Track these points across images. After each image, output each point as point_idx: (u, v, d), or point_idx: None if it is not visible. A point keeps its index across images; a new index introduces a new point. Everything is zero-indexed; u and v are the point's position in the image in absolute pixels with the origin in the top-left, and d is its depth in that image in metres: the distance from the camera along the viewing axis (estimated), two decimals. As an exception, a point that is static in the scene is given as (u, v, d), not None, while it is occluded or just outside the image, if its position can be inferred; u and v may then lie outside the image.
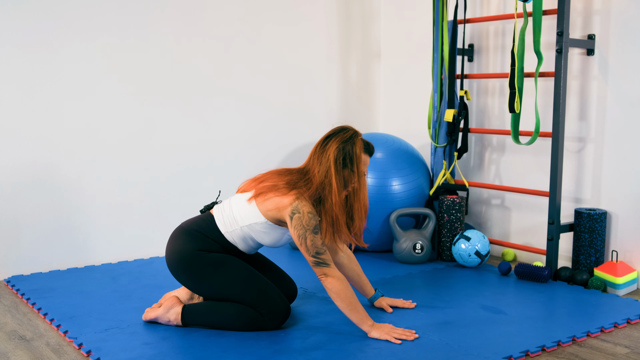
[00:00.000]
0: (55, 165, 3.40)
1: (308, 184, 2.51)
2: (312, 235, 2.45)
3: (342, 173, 2.50)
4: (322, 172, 2.50)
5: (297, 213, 2.45)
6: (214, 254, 2.56)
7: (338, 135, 2.54)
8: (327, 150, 2.51)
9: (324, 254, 2.47)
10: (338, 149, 2.50)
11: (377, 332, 2.47)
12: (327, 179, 2.49)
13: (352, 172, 2.51)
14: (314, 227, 2.45)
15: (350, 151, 2.51)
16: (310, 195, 2.50)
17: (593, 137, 3.34)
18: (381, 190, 3.59)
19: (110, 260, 3.59)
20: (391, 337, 2.45)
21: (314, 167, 2.53)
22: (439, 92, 3.73)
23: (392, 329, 2.50)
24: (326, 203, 2.50)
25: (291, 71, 4.18)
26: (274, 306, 2.53)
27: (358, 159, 2.52)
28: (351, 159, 2.51)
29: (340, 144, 2.51)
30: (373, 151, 2.64)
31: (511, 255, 3.67)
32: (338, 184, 2.49)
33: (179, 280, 2.63)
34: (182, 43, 3.72)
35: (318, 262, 2.46)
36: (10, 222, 3.31)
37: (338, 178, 2.49)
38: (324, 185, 2.50)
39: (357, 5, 4.39)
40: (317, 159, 2.53)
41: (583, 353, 2.39)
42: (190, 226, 2.62)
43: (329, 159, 2.49)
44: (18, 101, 3.28)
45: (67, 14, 3.36)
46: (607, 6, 3.22)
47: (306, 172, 2.55)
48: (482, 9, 3.83)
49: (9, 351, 2.41)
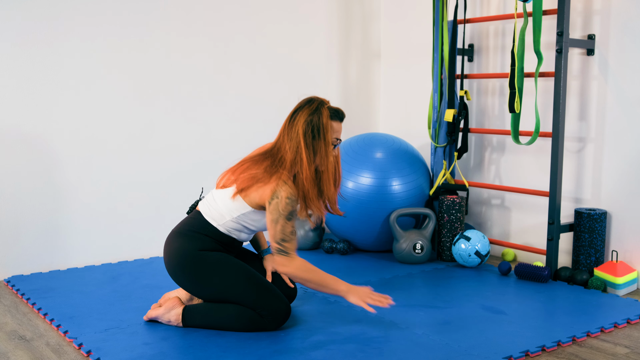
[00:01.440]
0: (55, 165, 3.40)
1: (282, 163, 2.53)
2: (284, 221, 2.47)
3: (312, 145, 2.53)
4: (293, 149, 2.52)
5: (276, 199, 2.47)
6: (214, 253, 2.56)
7: (304, 108, 2.56)
8: (296, 125, 2.54)
9: (288, 242, 2.49)
10: (306, 122, 2.53)
11: (354, 298, 2.51)
12: (298, 155, 2.52)
13: (321, 142, 2.53)
14: (288, 213, 2.47)
15: (317, 122, 2.53)
16: (289, 176, 2.52)
17: (593, 137, 3.34)
18: (381, 190, 3.59)
19: (110, 260, 3.59)
20: (365, 304, 2.49)
21: (285, 144, 2.55)
22: (439, 92, 3.73)
23: (369, 294, 2.53)
24: (297, 178, 2.53)
25: (291, 71, 4.18)
26: (274, 307, 2.52)
27: (326, 129, 2.53)
28: (319, 129, 2.52)
29: (308, 117, 2.53)
30: (343, 116, 2.63)
31: (511, 255, 3.67)
32: (308, 158, 2.51)
33: (179, 283, 2.62)
34: (182, 42, 3.72)
35: (280, 250, 2.49)
36: (10, 223, 3.31)
37: (308, 152, 2.51)
38: (296, 161, 2.52)
39: (357, 5, 4.39)
40: (286, 135, 2.56)
41: (583, 353, 2.39)
42: (182, 228, 2.62)
43: (298, 133, 2.52)
44: (18, 101, 3.28)
45: (66, 13, 3.36)
46: (607, 6, 3.22)
47: (278, 150, 2.57)
48: (482, 9, 3.83)
49: (9, 351, 2.41)
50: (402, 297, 2.98)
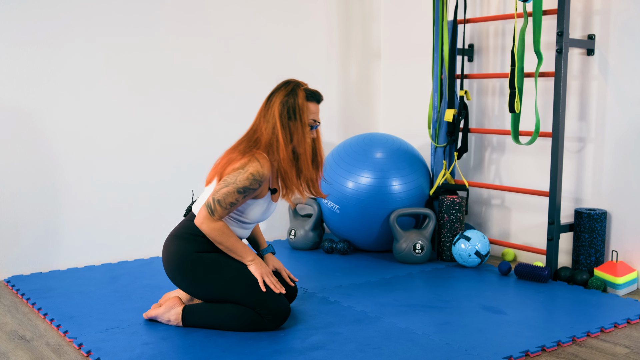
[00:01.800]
0: (55, 165, 3.40)
1: (258, 144, 2.54)
2: (234, 190, 2.46)
3: (288, 126, 2.54)
4: (269, 130, 2.53)
5: (241, 169, 2.47)
6: (211, 254, 2.56)
7: (280, 90, 2.58)
8: (272, 107, 2.55)
9: (220, 208, 2.47)
10: (281, 104, 2.54)
11: (254, 267, 2.54)
12: (275, 135, 2.53)
13: (297, 123, 2.54)
14: (242, 187, 2.46)
15: (293, 103, 2.54)
16: (265, 156, 2.51)
17: (593, 137, 3.34)
18: (381, 190, 3.59)
19: (110, 260, 3.59)
20: (260, 279, 2.51)
21: (261, 125, 2.57)
22: (439, 92, 3.73)
23: (268, 273, 2.54)
24: (274, 159, 2.54)
25: (291, 71, 4.17)
26: (273, 307, 2.52)
27: (301, 109, 2.54)
28: (294, 110, 2.54)
29: (284, 98, 2.55)
30: (321, 98, 2.64)
31: (511, 255, 3.67)
32: (285, 138, 2.52)
33: (178, 286, 2.63)
34: (182, 43, 3.72)
35: (209, 206, 2.48)
36: (10, 222, 3.31)
37: (284, 133, 2.52)
38: (272, 141, 2.53)
39: (357, 5, 4.40)
40: (263, 117, 2.57)
41: (583, 353, 2.39)
42: (179, 231, 2.62)
43: (274, 115, 2.53)
44: (18, 101, 3.28)
45: (66, 13, 3.36)
46: (607, 6, 3.22)
47: (254, 132, 2.58)
48: (482, 9, 3.83)
49: (9, 351, 2.41)
50: (402, 297, 2.98)
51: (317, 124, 2.61)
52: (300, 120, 2.54)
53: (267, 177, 2.51)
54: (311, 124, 2.59)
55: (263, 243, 2.85)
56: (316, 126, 2.62)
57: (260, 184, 2.50)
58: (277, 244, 4.02)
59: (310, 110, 2.58)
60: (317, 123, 2.61)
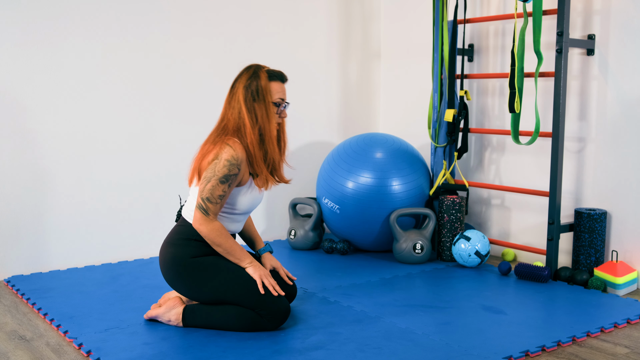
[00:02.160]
0: (55, 165, 3.40)
1: (226, 130, 2.56)
2: (216, 182, 2.47)
3: (253, 108, 2.55)
4: (235, 115, 2.55)
5: (216, 159, 2.48)
6: (207, 258, 2.56)
7: (242, 75, 2.59)
8: (236, 93, 2.57)
9: (212, 204, 2.49)
10: (245, 88, 2.56)
11: (252, 270, 2.54)
12: (241, 120, 2.54)
13: (262, 104, 2.55)
14: (223, 176, 2.47)
15: (256, 85, 2.56)
16: (235, 140, 2.52)
17: (593, 137, 3.34)
18: (381, 190, 3.59)
19: (110, 260, 3.59)
20: (259, 281, 2.51)
21: (228, 113, 2.58)
22: (439, 92, 3.73)
23: (267, 275, 2.55)
24: (244, 143, 2.55)
25: (291, 71, 4.16)
26: (273, 307, 2.52)
27: (265, 90, 2.56)
28: (258, 92, 2.55)
29: (246, 82, 2.56)
30: (285, 77, 2.66)
31: (511, 255, 3.67)
32: (251, 121, 2.54)
33: (178, 291, 2.63)
34: (182, 44, 3.72)
35: (201, 207, 2.49)
36: (10, 222, 3.31)
37: (250, 115, 2.54)
38: (239, 126, 2.54)
39: (357, 5, 4.40)
40: (228, 105, 2.59)
41: (583, 353, 2.39)
42: (172, 237, 2.62)
43: (239, 100, 2.55)
44: (17, 101, 3.28)
45: (66, 13, 3.36)
46: (607, 6, 3.22)
47: (222, 120, 2.60)
48: (482, 9, 3.83)
49: (9, 351, 2.41)
50: (402, 297, 2.98)
51: (284, 102, 2.62)
52: (264, 101, 2.56)
53: (243, 159, 2.52)
54: (278, 102, 2.60)
55: (260, 242, 2.85)
56: (285, 105, 2.63)
57: (239, 168, 2.50)
58: (277, 244, 4.02)
59: (274, 90, 2.60)
60: (284, 102, 2.62)
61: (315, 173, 4.28)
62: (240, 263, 2.56)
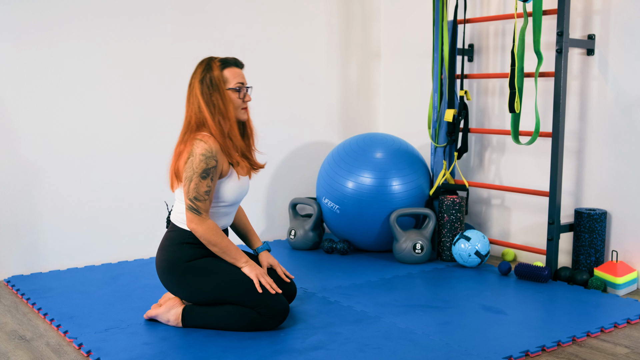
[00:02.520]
0: (55, 165, 3.40)
1: (191, 127, 2.57)
2: (198, 179, 2.47)
3: (212, 101, 2.55)
4: (196, 110, 2.55)
5: (191, 157, 2.49)
6: (202, 260, 2.56)
7: (196, 71, 2.60)
8: (194, 89, 2.57)
9: (201, 202, 2.49)
10: (200, 82, 2.56)
11: (248, 269, 2.54)
12: (202, 114, 2.55)
13: (217, 95, 2.55)
14: (203, 171, 2.47)
15: (210, 77, 2.56)
16: (204, 135, 2.52)
17: (593, 137, 3.34)
18: (381, 190, 3.59)
19: (110, 260, 3.59)
20: (256, 280, 2.51)
21: (189, 110, 2.58)
22: (439, 92, 3.73)
23: (263, 274, 2.55)
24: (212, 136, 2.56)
25: (291, 71, 4.18)
26: (271, 305, 2.52)
27: (219, 80, 2.55)
28: (212, 83, 2.55)
29: (201, 76, 2.56)
30: (239, 62, 2.65)
31: (511, 255, 3.67)
32: (210, 113, 2.54)
33: (178, 296, 2.63)
34: (182, 45, 3.72)
35: (191, 207, 2.49)
36: (10, 222, 3.31)
37: (208, 108, 2.54)
38: (202, 120, 2.55)
39: (357, 5, 4.40)
40: (188, 102, 2.59)
41: (583, 353, 2.39)
42: (164, 243, 2.62)
43: (197, 95, 2.56)
44: (17, 101, 3.28)
45: (66, 14, 3.36)
46: (607, 6, 3.22)
47: (186, 119, 2.60)
48: (482, 9, 3.83)
49: (9, 351, 2.41)
50: (402, 297, 2.98)
51: (245, 86, 2.61)
52: (219, 91, 2.55)
53: (217, 150, 2.51)
54: (238, 87, 2.59)
55: (257, 241, 2.85)
56: (247, 90, 2.62)
57: (216, 159, 2.50)
58: (277, 244, 4.02)
59: (231, 76, 2.59)
60: (244, 85, 2.61)
61: (315, 173, 4.28)
62: (236, 263, 2.56)
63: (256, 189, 4.09)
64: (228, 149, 2.56)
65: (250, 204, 4.06)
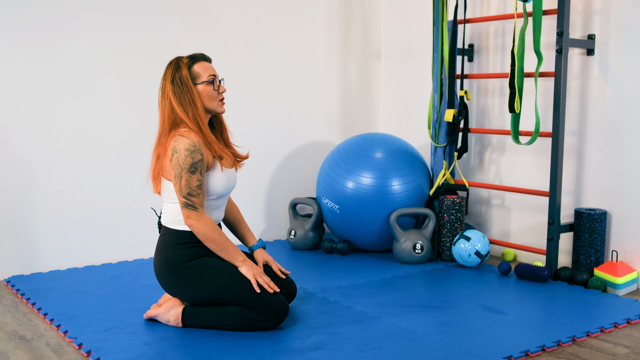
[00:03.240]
0: (55, 165, 3.40)
1: (164, 130, 2.57)
2: (187, 174, 2.47)
3: (184, 98, 2.55)
4: (169, 110, 2.56)
5: (175, 153, 2.49)
6: (200, 260, 2.56)
7: (166, 73, 2.60)
8: (166, 90, 2.58)
9: (195, 197, 2.49)
10: (171, 82, 2.56)
11: (245, 269, 2.54)
12: (175, 113, 2.55)
13: (186, 93, 2.55)
14: (190, 165, 2.48)
15: (179, 76, 2.56)
16: (183, 131, 2.52)
17: (593, 137, 3.34)
18: (381, 190, 3.59)
19: (110, 260, 3.59)
20: (254, 280, 2.51)
21: (163, 112, 2.58)
22: (439, 92, 3.73)
23: (260, 273, 2.55)
24: None
25: (291, 72, 4.18)
26: (271, 304, 2.52)
27: (186, 77, 2.55)
28: (182, 81, 2.55)
29: (171, 77, 2.57)
30: (207, 56, 2.65)
31: (511, 255, 3.67)
32: (183, 111, 2.53)
33: (178, 297, 2.62)
34: (182, 46, 3.72)
35: (187, 204, 2.49)
36: (10, 222, 3.31)
37: (183, 107, 2.54)
38: (176, 120, 2.55)
39: (357, 5, 4.40)
40: (161, 105, 2.60)
41: (583, 353, 2.39)
42: (159, 248, 2.62)
43: (169, 96, 2.56)
44: (17, 101, 3.28)
45: (67, 14, 3.36)
46: (607, 6, 3.22)
47: (160, 121, 2.60)
48: (482, 9, 3.83)
49: (9, 351, 2.41)
50: (402, 297, 2.98)
51: (216, 78, 2.61)
52: (187, 88, 2.55)
53: (200, 142, 2.52)
54: (210, 79, 2.59)
55: (252, 239, 2.85)
56: (215, 81, 2.61)
57: (201, 153, 2.50)
58: (277, 244, 4.03)
59: (202, 71, 2.58)
60: (215, 77, 2.61)
61: (315, 173, 4.28)
62: (233, 261, 2.56)
63: (256, 189, 4.10)
64: (209, 142, 2.57)
65: (250, 204, 4.06)
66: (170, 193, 2.59)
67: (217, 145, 2.59)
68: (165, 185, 2.59)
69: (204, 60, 2.62)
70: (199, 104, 2.56)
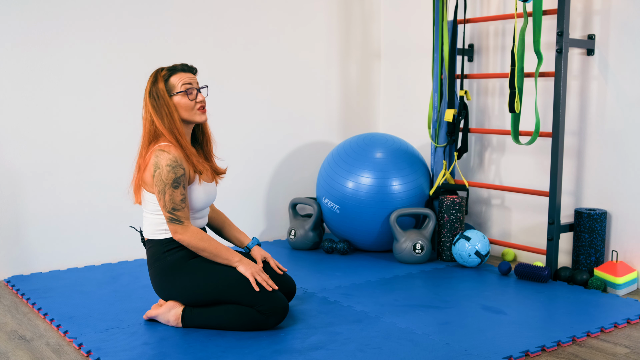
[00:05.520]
0: (55, 165, 3.40)
1: (145, 142, 2.59)
2: (171, 190, 2.48)
3: (160, 112, 2.55)
4: (150, 123, 2.57)
5: (158, 169, 2.49)
6: (194, 262, 2.56)
7: (147, 86, 2.61)
8: (146, 104, 2.59)
9: (180, 211, 2.50)
10: (150, 95, 2.57)
11: (243, 268, 2.54)
12: (154, 126, 2.57)
13: (163, 105, 2.56)
14: (173, 181, 2.48)
15: (156, 89, 2.56)
16: (163, 146, 2.53)
17: (593, 137, 3.34)
18: (381, 190, 3.59)
19: (110, 260, 3.59)
20: (252, 278, 2.51)
21: (145, 123, 2.60)
22: (439, 92, 3.73)
23: (259, 271, 2.55)
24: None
25: (291, 72, 4.18)
26: (270, 303, 2.52)
27: (162, 91, 2.56)
28: (158, 95, 2.56)
29: (150, 90, 2.58)
30: (187, 66, 2.65)
31: (511, 255, 3.67)
32: (162, 125, 2.54)
33: (179, 301, 2.62)
34: (182, 46, 3.72)
35: (172, 219, 2.50)
36: (10, 222, 3.31)
37: (159, 121, 2.55)
38: (156, 133, 2.56)
39: (357, 5, 4.40)
40: (143, 116, 2.61)
41: (583, 353, 2.39)
42: (149, 260, 2.62)
43: (148, 109, 2.58)
44: (17, 101, 3.28)
45: (67, 14, 3.36)
46: (607, 6, 3.22)
47: (143, 132, 2.62)
48: (482, 9, 3.83)
49: (9, 351, 2.41)
50: (402, 297, 2.98)
51: (193, 87, 2.60)
52: (164, 101, 2.55)
53: (182, 157, 2.53)
54: (185, 89, 2.58)
55: (245, 238, 2.85)
56: (200, 90, 2.62)
57: (183, 167, 2.51)
58: (277, 244, 4.03)
59: (176, 82, 2.58)
60: (193, 87, 2.60)
61: (315, 173, 4.28)
62: (229, 263, 2.56)
63: (256, 188, 4.10)
64: (187, 156, 2.57)
65: (250, 204, 4.06)
66: (149, 204, 2.59)
67: (195, 159, 2.59)
68: (145, 197, 2.60)
69: (183, 72, 2.61)
70: (176, 116, 2.56)
